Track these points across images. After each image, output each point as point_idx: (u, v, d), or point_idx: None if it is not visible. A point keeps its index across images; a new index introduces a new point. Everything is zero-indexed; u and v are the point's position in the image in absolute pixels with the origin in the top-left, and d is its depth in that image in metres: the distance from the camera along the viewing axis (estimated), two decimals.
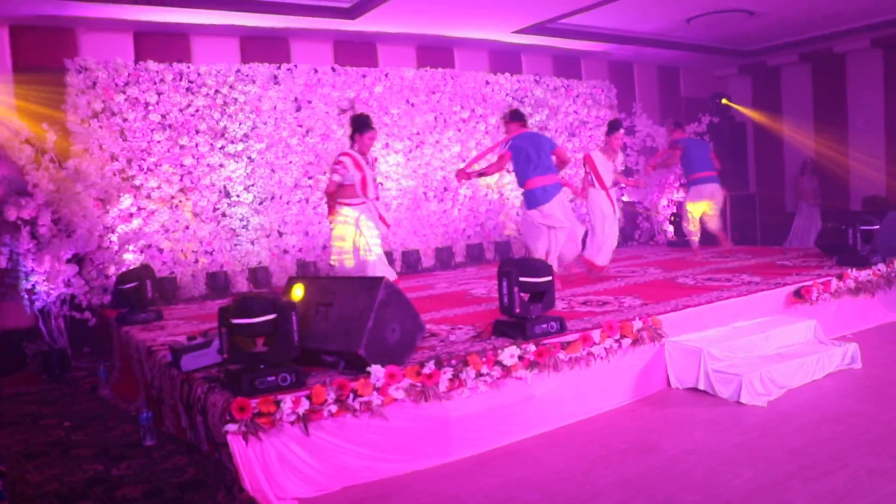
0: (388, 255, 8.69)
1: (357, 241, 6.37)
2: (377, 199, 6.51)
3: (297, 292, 4.49)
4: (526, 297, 4.74)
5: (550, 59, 11.23)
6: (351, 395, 3.77)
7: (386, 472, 3.87)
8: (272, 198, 8.69)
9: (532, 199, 6.85)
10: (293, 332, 3.82)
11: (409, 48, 9.94)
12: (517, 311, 4.69)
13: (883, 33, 10.75)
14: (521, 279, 4.67)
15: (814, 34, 11.06)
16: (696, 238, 9.08)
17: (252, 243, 8.58)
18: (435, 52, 10.11)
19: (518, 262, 4.88)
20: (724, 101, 12.38)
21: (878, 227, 7.08)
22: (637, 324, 4.97)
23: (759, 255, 8.64)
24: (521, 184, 6.99)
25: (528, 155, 6.81)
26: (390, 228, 9.03)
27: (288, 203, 8.77)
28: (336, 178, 6.27)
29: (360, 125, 6.42)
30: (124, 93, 7.81)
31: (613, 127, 7.90)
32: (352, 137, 6.48)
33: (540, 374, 4.44)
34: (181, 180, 8.15)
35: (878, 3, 9.48)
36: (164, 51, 8.19)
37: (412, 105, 9.66)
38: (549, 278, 4.75)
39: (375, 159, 6.76)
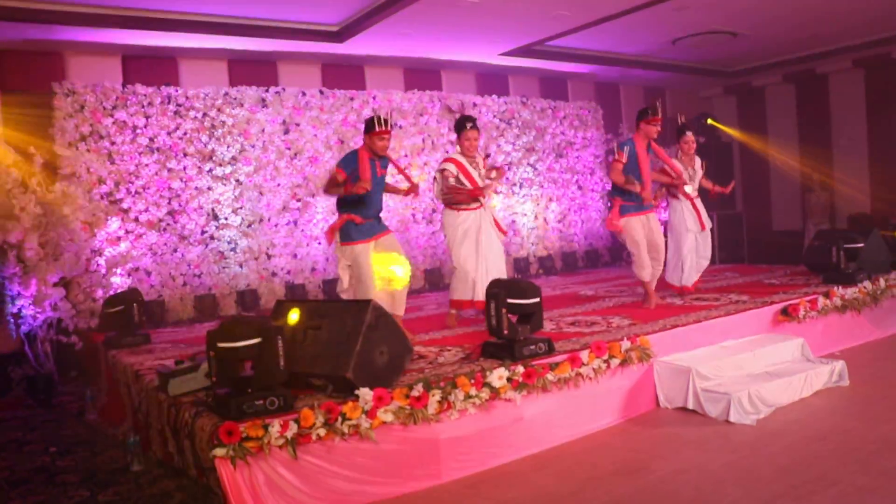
0: None
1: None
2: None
3: (293, 316, 4.47)
4: (514, 318, 4.75)
5: (537, 80, 11.31)
6: (339, 419, 3.75)
7: (375, 495, 3.85)
8: (260, 220, 8.68)
9: None
10: (279, 357, 3.80)
11: (396, 70, 10.00)
12: (505, 332, 4.69)
13: (864, 54, 10.90)
14: (509, 301, 4.68)
15: (797, 55, 11.21)
16: None
17: (240, 266, 8.56)
18: (422, 75, 10.17)
19: (506, 283, 4.90)
20: (709, 121, 12.48)
21: (863, 244, 7.13)
22: (625, 344, 4.98)
23: (746, 274, 8.68)
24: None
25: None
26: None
27: (276, 226, 8.77)
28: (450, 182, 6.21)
29: (457, 126, 6.34)
30: (112, 116, 7.81)
31: (681, 131, 7.39)
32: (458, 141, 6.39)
33: (529, 395, 4.43)
34: (169, 203, 8.14)
35: (859, 25, 9.62)
36: (152, 74, 8.21)
37: (400, 127, 9.69)
38: (537, 299, 4.75)
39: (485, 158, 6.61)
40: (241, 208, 8.57)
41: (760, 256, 12.03)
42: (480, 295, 5.99)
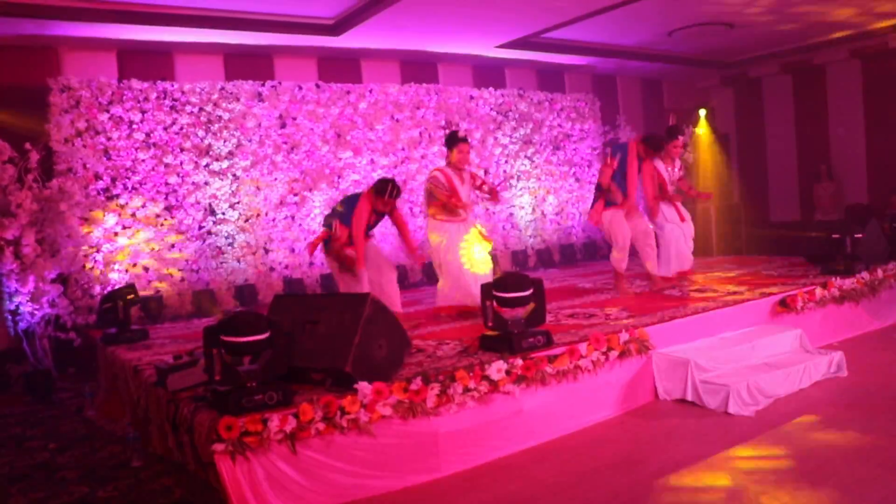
0: None
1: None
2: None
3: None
4: (517, 311, 4.76)
5: (534, 73, 11.29)
6: (338, 413, 3.75)
7: (375, 489, 3.85)
8: (258, 215, 8.67)
9: None
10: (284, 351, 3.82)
11: (392, 64, 9.98)
12: (490, 323, 4.76)
13: (860, 45, 10.89)
14: (496, 294, 4.70)
15: (793, 46, 11.19)
16: None
17: (238, 261, 8.55)
18: (419, 68, 10.15)
19: (499, 277, 4.91)
20: (700, 111, 12.39)
21: (861, 235, 7.13)
22: (624, 336, 4.98)
23: (744, 265, 8.68)
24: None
25: None
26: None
27: (274, 220, 8.75)
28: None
29: (450, 140, 6.63)
30: (108, 111, 7.79)
31: (671, 133, 7.72)
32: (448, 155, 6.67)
33: (528, 388, 4.43)
34: (166, 199, 8.12)
35: (856, 16, 9.60)
36: (148, 69, 8.18)
37: (397, 121, 9.68)
38: (528, 293, 4.72)
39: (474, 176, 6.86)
40: (238, 203, 8.55)
41: (758, 248, 12.04)
42: (469, 301, 6.31)
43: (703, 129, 12.25)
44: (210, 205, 8.39)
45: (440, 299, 6.60)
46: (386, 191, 6.08)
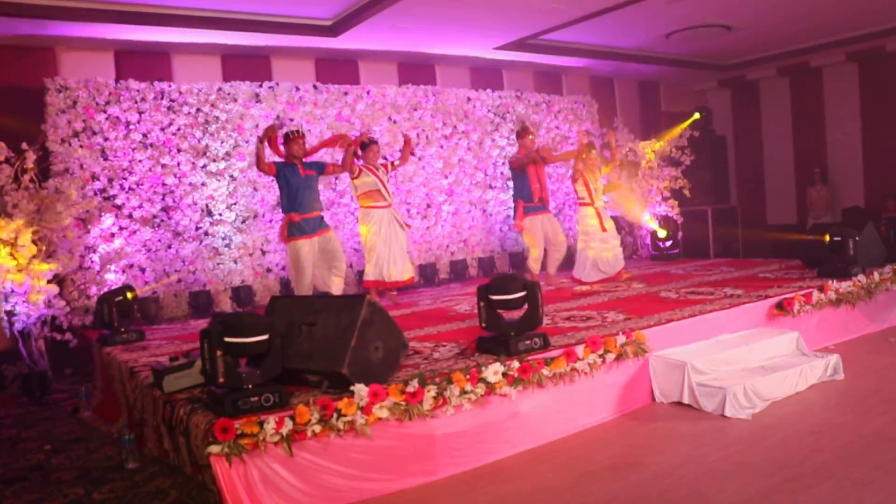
0: None
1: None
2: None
3: None
4: (506, 314, 4.75)
5: (532, 74, 11.30)
6: (335, 415, 3.75)
7: (371, 491, 3.85)
8: (255, 216, 8.66)
9: None
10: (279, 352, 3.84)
11: (390, 65, 9.98)
12: (483, 324, 4.77)
13: (857, 48, 10.92)
14: (491, 297, 4.68)
15: (791, 48, 11.22)
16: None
17: (235, 262, 8.54)
18: (416, 69, 10.16)
19: (494, 280, 4.90)
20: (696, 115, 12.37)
21: (858, 238, 7.13)
22: (621, 339, 4.98)
23: (741, 268, 8.69)
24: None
25: None
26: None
27: (271, 221, 8.74)
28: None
29: (363, 146, 7.77)
30: (105, 112, 7.78)
31: (591, 146, 8.51)
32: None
33: (524, 390, 4.43)
34: (163, 199, 8.11)
35: (852, 19, 9.63)
36: (145, 69, 8.18)
37: (394, 122, 9.67)
38: (521, 294, 4.71)
39: (385, 165, 7.94)
40: (235, 204, 8.54)
41: (755, 250, 12.06)
42: (388, 276, 7.58)
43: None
44: (207, 206, 8.38)
45: (368, 275, 7.69)
46: (288, 136, 7.00)
